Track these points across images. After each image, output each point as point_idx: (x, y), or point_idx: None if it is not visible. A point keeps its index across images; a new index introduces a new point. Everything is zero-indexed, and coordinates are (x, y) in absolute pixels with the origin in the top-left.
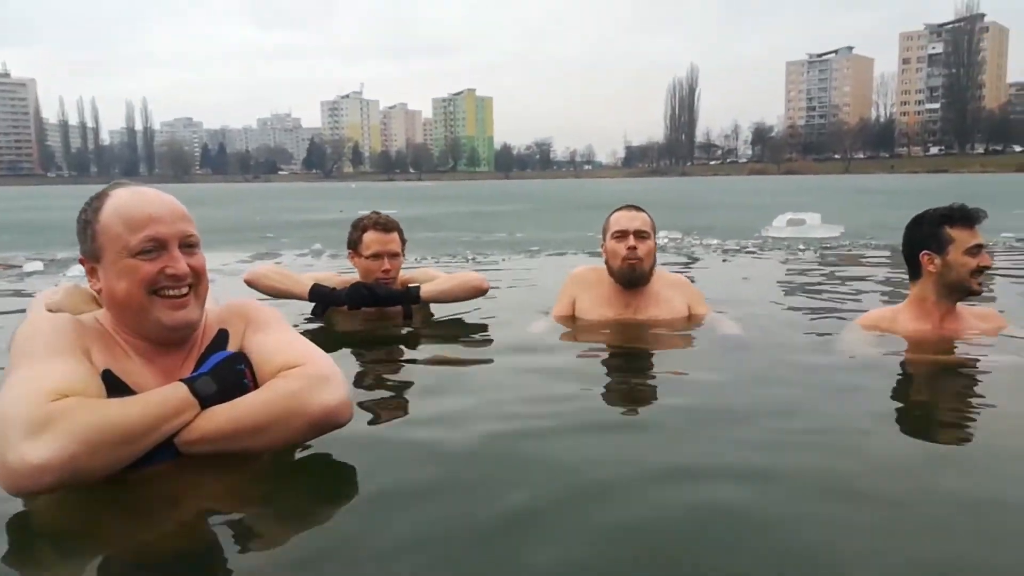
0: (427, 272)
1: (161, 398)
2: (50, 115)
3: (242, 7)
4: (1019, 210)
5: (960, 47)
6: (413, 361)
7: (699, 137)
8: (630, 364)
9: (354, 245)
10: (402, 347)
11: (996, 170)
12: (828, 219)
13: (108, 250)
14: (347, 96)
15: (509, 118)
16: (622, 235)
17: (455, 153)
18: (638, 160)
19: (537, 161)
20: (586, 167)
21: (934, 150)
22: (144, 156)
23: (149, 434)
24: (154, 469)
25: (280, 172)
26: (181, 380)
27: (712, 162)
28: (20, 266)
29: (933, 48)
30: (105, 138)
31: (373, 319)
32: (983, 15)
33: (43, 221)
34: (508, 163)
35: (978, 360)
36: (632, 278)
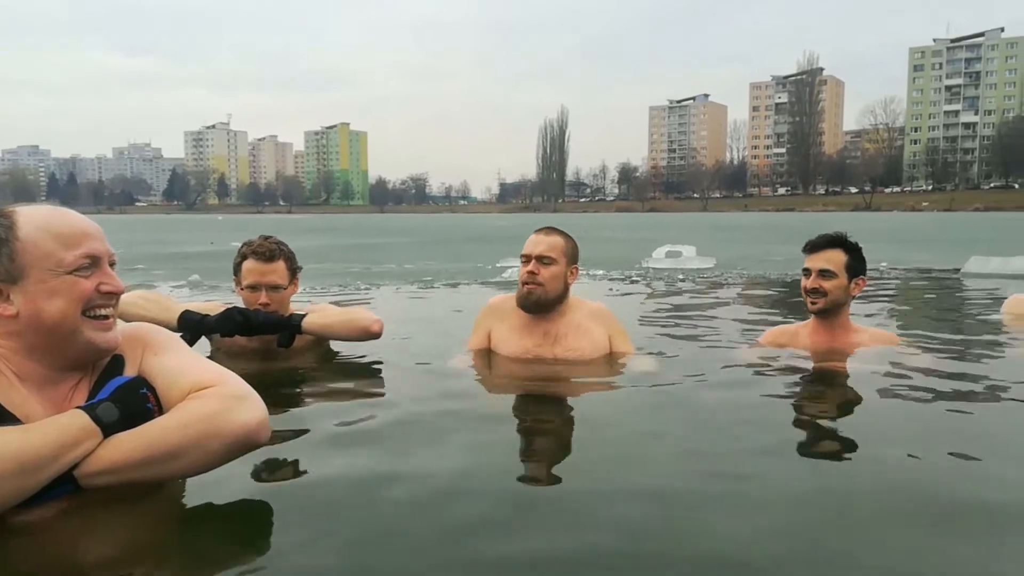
0: (323, 308)
1: (60, 426)
2: None
3: (104, 32)
4: (863, 245)
5: (802, 97)
6: (316, 397)
7: (569, 176)
8: (548, 403)
9: (236, 272)
10: (301, 382)
11: (836, 208)
12: (701, 252)
13: (35, 268)
14: (213, 127)
15: (385, 154)
16: (526, 259)
17: (328, 186)
18: (512, 196)
19: (412, 196)
20: (461, 202)
21: (782, 190)
22: None
23: (48, 465)
24: (48, 508)
25: (138, 203)
26: (79, 407)
27: (582, 199)
28: None
29: (779, 98)
30: None
31: (259, 353)
32: (822, 69)
33: None
34: (383, 197)
35: (860, 368)
36: (527, 303)
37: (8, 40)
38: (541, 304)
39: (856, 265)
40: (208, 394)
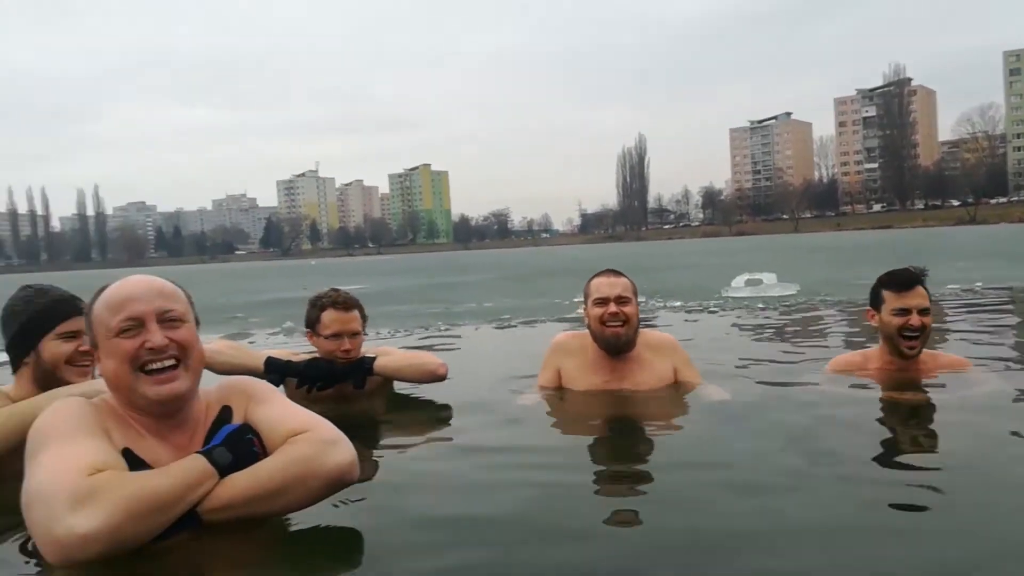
0: (389, 351)
1: (184, 469)
2: None
3: (191, 89)
4: (963, 262)
5: (892, 109)
6: (391, 438)
7: (651, 202)
8: (621, 437)
9: (312, 324)
10: (376, 424)
11: (937, 224)
12: (783, 278)
13: (99, 335)
14: (303, 175)
15: (466, 191)
16: (602, 302)
17: (413, 226)
18: (594, 227)
19: (495, 231)
20: (544, 235)
21: (877, 207)
22: (97, 241)
23: (177, 503)
24: (175, 539)
25: (237, 252)
26: (198, 452)
27: (666, 226)
28: None
29: (866, 111)
30: (56, 225)
31: (332, 400)
32: (910, 79)
33: None
34: (466, 234)
35: (932, 398)
36: (617, 345)
37: (101, 107)
38: (628, 344)
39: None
40: (303, 439)
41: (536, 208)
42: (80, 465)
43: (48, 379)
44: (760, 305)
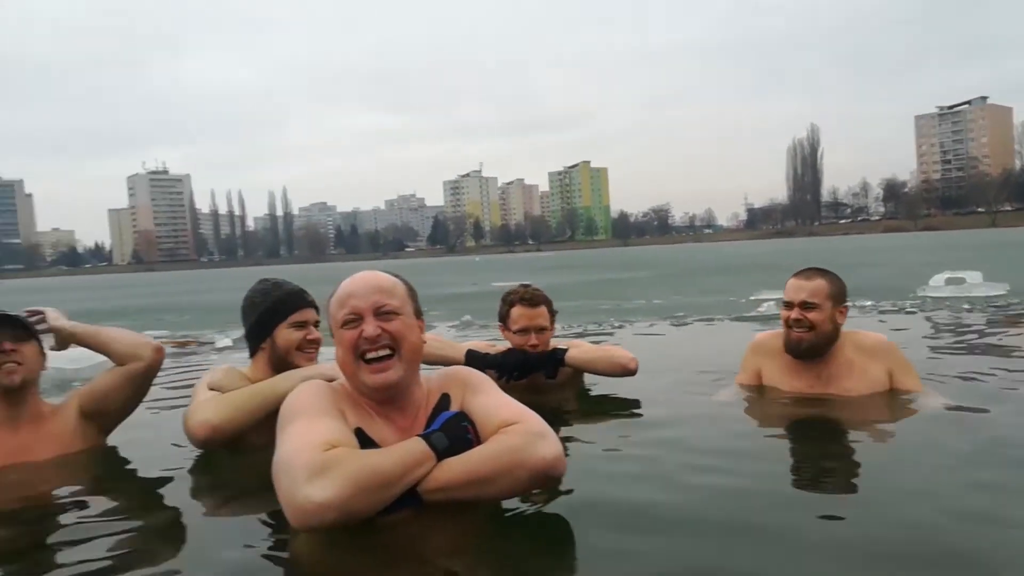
0: (579, 344)
1: (406, 450)
2: (203, 206)
3: (373, 97)
4: None
5: None
6: (586, 431)
7: (825, 196)
8: (822, 442)
9: (503, 319)
10: (570, 417)
11: None
12: (990, 277)
13: (333, 326)
14: (467, 175)
15: (625, 185)
16: (788, 305)
17: (572, 223)
18: (761, 222)
19: (655, 227)
20: (706, 231)
21: None
22: (284, 239)
23: (399, 481)
24: (399, 515)
25: (407, 249)
26: (419, 436)
27: (841, 221)
28: (212, 342)
29: None
30: (250, 224)
31: (525, 390)
32: None
33: (215, 303)
34: (626, 230)
35: None
36: (798, 351)
37: (292, 115)
38: (811, 351)
39: None
40: (514, 430)
41: (698, 203)
42: (318, 441)
43: (280, 363)
44: (965, 306)
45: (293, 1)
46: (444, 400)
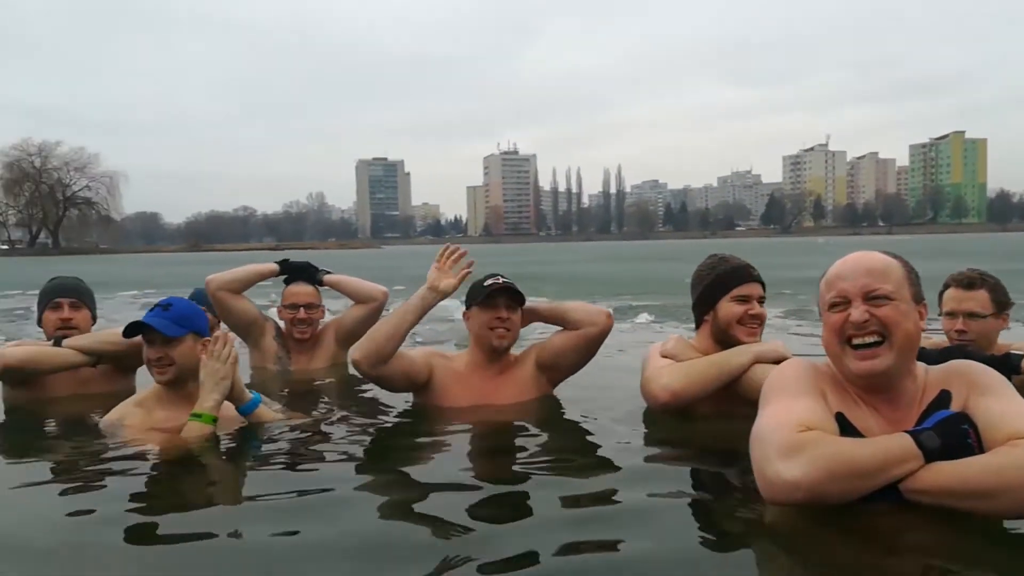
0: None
1: (888, 445)
2: (544, 183)
3: (714, 71)
4: None
5: None
6: None
7: None
8: None
9: (939, 302)
10: None
11: None
12: None
13: (821, 308)
14: (811, 149)
15: (1009, 163)
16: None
17: (935, 203)
18: None
19: None
20: None
21: None
22: (616, 216)
23: (876, 475)
24: (878, 506)
25: (737, 228)
26: (906, 432)
27: None
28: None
29: None
30: (585, 201)
31: None
32: None
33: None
34: (1004, 213)
35: None
36: None
37: (634, 93)
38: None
39: None
40: None
41: None
42: (794, 420)
43: (721, 335)
44: None
45: None
46: (943, 397)
